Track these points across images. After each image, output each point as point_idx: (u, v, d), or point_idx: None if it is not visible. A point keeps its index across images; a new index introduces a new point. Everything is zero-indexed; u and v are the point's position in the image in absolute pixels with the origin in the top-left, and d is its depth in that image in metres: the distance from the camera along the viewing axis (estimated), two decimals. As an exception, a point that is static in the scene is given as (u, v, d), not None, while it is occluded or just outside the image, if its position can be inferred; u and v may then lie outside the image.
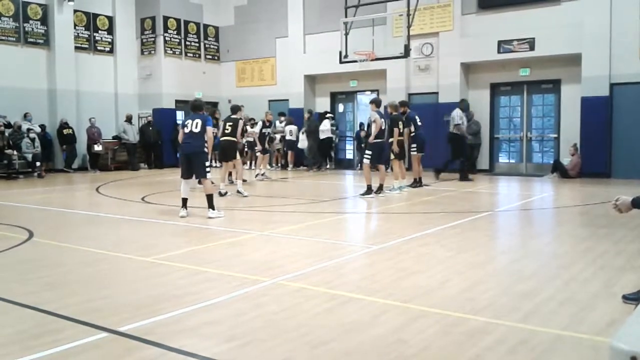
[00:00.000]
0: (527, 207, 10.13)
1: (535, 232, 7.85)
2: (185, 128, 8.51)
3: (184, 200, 8.54)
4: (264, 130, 15.39)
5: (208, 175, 8.52)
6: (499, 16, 15.71)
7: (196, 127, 8.39)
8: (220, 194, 10.84)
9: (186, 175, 8.62)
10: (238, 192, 10.92)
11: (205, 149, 8.52)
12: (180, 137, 8.72)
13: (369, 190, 10.82)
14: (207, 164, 8.57)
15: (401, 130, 11.60)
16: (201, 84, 20.82)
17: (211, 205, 8.44)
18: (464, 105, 14.45)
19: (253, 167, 14.48)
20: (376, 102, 11.10)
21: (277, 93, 20.08)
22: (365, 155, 10.94)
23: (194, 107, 8.79)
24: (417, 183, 12.43)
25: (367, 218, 8.83)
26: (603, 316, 3.92)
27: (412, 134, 12.13)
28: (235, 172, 11.87)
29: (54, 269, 5.48)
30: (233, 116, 11.29)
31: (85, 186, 14.08)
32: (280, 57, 20.01)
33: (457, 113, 13.76)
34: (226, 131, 11.13)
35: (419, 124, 12.28)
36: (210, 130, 8.51)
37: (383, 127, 10.79)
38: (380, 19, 15.95)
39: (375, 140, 10.73)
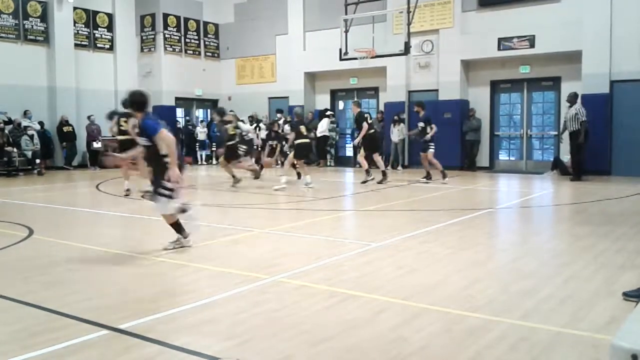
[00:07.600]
0: (527, 204, 10.13)
1: (535, 229, 7.84)
2: None
3: None
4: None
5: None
6: (499, 13, 15.70)
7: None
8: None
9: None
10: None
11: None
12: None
13: (367, 173, 12.26)
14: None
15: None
16: (201, 81, 20.81)
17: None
18: (575, 98, 13.51)
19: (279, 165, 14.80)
20: (357, 103, 12.94)
21: (277, 90, 20.07)
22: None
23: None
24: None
25: (366, 215, 8.82)
26: (603, 314, 3.91)
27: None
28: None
29: (54, 267, 5.47)
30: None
31: (85, 183, 14.09)
32: (280, 55, 19.99)
33: (579, 108, 13.21)
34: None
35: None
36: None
37: (375, 126, 12.61)
38: (381, 16, 15.93)
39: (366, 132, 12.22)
